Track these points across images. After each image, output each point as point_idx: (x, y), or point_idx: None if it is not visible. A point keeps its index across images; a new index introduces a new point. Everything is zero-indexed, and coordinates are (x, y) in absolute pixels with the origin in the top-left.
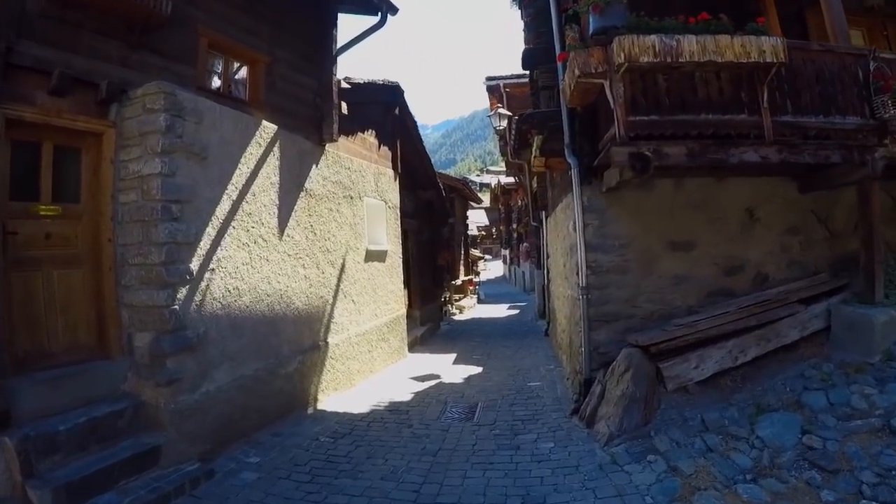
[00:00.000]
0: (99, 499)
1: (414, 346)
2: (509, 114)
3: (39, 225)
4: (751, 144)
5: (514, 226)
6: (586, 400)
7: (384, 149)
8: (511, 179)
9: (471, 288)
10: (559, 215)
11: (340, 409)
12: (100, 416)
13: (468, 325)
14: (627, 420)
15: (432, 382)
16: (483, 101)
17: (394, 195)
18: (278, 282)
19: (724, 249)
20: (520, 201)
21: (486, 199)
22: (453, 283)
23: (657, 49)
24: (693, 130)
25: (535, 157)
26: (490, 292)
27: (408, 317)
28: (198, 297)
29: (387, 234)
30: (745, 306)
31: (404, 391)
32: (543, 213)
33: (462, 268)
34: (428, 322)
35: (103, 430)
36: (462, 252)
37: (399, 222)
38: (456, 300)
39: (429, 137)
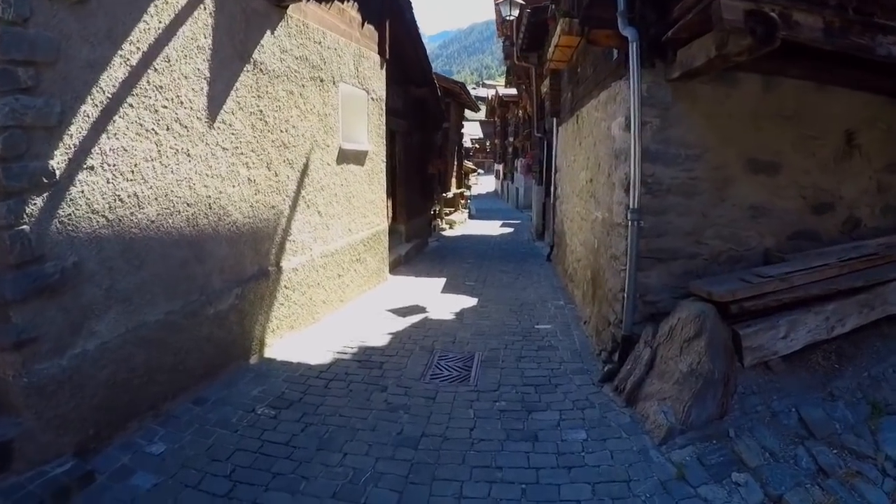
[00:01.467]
0: None
1: (397, 266)
2: (522, 1)
3: None
4: None
5: (511, 139)
6: (627, 367)
7: (368, 27)
8: (511, 91)
9: (462, 202)
10: (588, 116)
11: (294, 358)
12: None
13: (459, 242)
14: (698, 410)
15: (416, 318)
16: (482, 14)
17: (379, 85)
18: (206, 186)
19: (814, 178)
20: (520, 112)
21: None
22: (444, 195)
23: None
24: None
25: (555, 45)
26: (481, 207)
27: (391, 232)
28: (64, 211)
29: (368, 131)
30: (848, 259)
31: (381, 330)
32: (555, 120)
33: (454, 180)
34: (415, 238)
35: None
36: (455, 163)
37: (384, 119)
38: (446, 214)
39: (426, 47)
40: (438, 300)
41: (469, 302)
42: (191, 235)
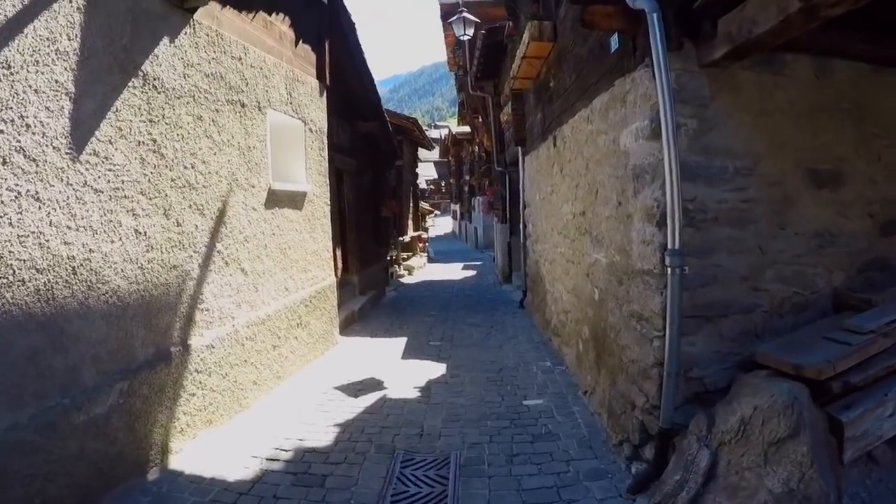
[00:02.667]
0: None
1: (350, 324)
2: (477, 20)
3: None
4: None
5: (467, 178)
6: (674, 476)
7: (304, 47)
8: (464, 128)
9: (420, 245)
10: (575, 134)
11: (209, 469)
12: None
13: (420, 290)
14: None
15: (372, 398)
16: (430, 57)
17: (319, 115)
18: (67, 242)
19: (882, 190)
20: (475, 149)
21: (434, 154)
22: (401, 239)
23: None
24: None
25: (522, 58)
26: (440, 249)
27: (343, 285)
28: None
29: (306, 168)
30: None
31: (325, 420)
32: (520, 150)
33: (411, 222)
34: (370, 289)
35: None
36: (411, 204)
37: (326, 155)
38: (404, 259)
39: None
40: (398, 369)
41: (436, 370)
42: (43, 314)
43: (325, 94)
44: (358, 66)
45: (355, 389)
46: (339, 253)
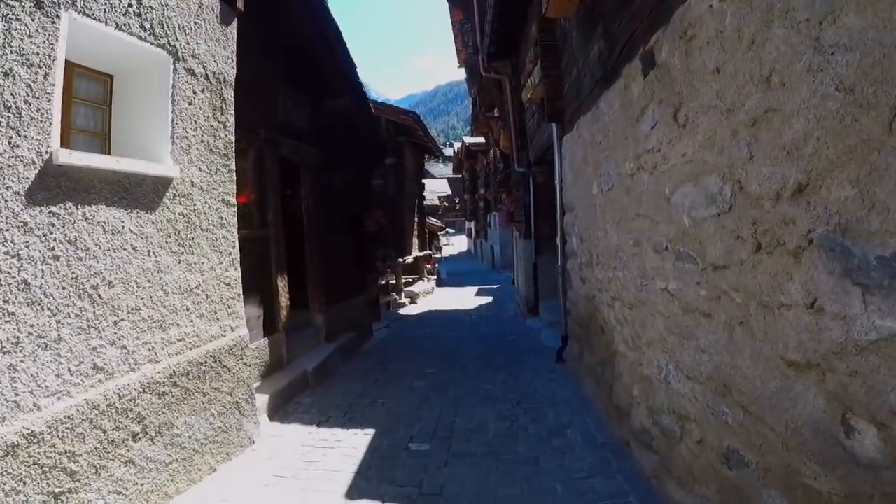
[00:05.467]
0: None
1: (299, 393)
2: None
3: None
4: None
5: (482, 191)
6: None
7: None
8: (478, 139)
9: (428, 267)
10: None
11: None
12: None
13: (421, 326)
14: None
15: None
16: (445, 77)
17: (214, 52)
18: None
19: None
20: (492, 153)
21: (448, 171)
22: (401, 261)
23: None
24: None
25: None
26: (454, 270)
27: (304, 326)
28: None
29: (173, 136)
30: None
31: None
32: (555, 131)
33: (415, 240)
34: (344, 331)
35: None
36: (416, 220)
37: (230, 120)
38: (406, 285)
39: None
40: None
41: None
42: None
43: (234, 25)
44: (317, 11)
45: None
46: (282, 284)
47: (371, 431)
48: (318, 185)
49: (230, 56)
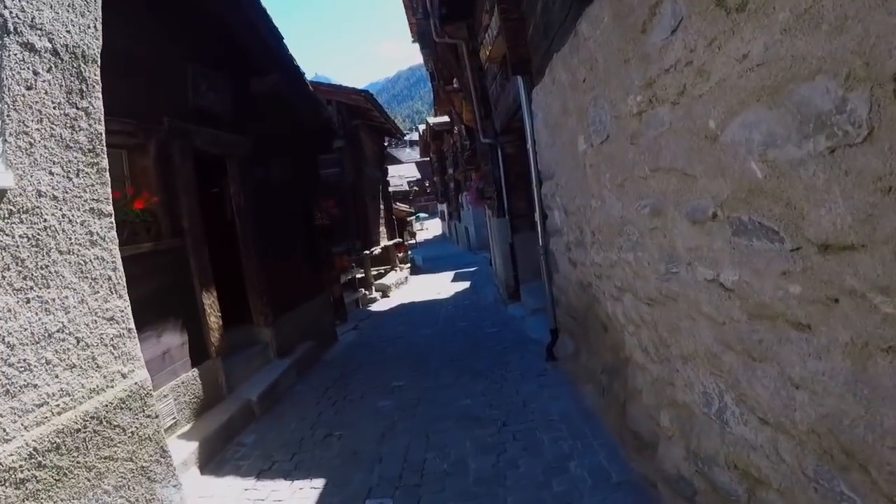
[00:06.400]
0: None
1: (242, 429)
2: None
3: None
4: None
5: (451, 171)
6: None
7: None
8: (442, 119)
9: (400, 255)
10: None
11: None
12: None
13: (390, 323)
14: None
15: None
16: (406, 62)
17: (68, 18)
18: None
19: None
20: (457, 130)
21: (416, 155)
22: (367, 253)
23: None
24: None
25: None
26: (429, 256)
27: (249, 344)
28: None
29: (2, 130)
30: None
31: None
32: (521, 86)
33: (383, 229)
34: (299, 342)
35: None
36: (381, 207)
37: (96, 109)
38: (376, 278)
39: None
40: None
41: None
42: None
43: None
44: None
45: None
46: (209, 301)
47: (320, 483)
48: (251, 178)
49: (91, 24)
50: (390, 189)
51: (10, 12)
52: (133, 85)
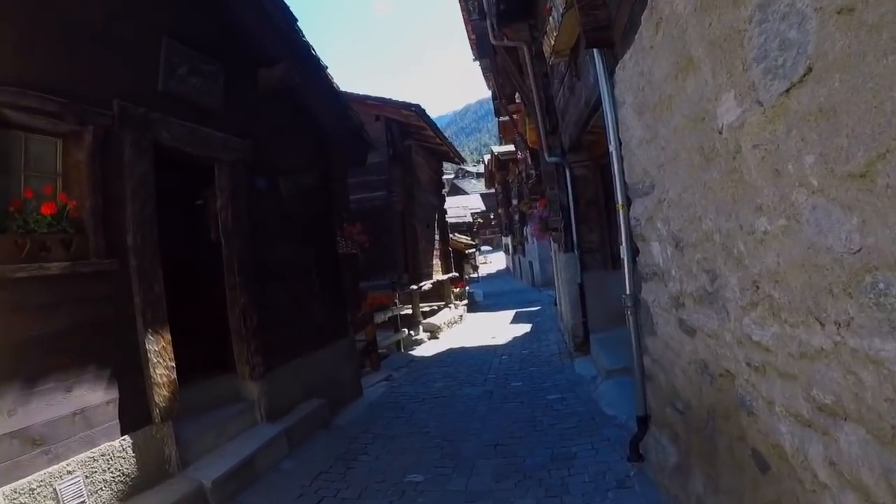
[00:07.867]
0: None
1: None
2: None
3: None
4: None
5: (515, 203)
6: None
7: None
8: (507, 148)
9: (455, 291)
10: None
11: None
12: None
13: (431, 374)
14: None
15: None
16: (475, 95)
17: None
18: None
19: None
20: (520, 157)
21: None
22: (414, 288)
23: None
24: None
25: None
26: (491, 290)
27: (225, 402)
28: None
29: None
30: None
31: None
32: (600, 65)
33: (438, 261)
34: (301, 401)
35: None
36: (436, 238)
37: None
38: (425, 316)
39: None
40: None
41: None
42: None
43: None
44: None
45: None
46: (159, 346)
47: None
48: (247, 190)
49: None
50: (452, 220)
51: None
52: (72, 50)
